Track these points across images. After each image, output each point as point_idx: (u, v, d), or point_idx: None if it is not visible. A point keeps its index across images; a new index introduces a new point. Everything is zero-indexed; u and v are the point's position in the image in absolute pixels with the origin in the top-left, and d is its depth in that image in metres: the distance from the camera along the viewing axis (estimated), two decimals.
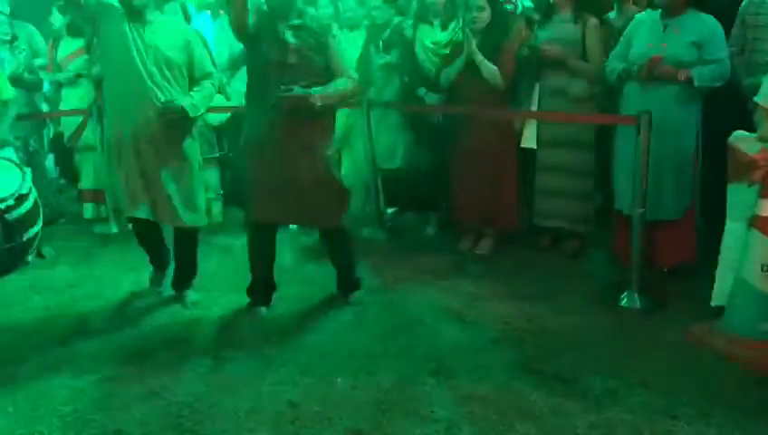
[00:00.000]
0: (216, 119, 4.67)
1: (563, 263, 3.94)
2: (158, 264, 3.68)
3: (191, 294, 3.52)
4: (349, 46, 4.65)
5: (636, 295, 3.27)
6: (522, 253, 4.10)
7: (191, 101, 3.21)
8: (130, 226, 4.72)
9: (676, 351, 2.83)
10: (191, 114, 3.19)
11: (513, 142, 4.05)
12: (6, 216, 3.70)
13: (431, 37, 4.22)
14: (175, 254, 3.55)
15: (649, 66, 3.23)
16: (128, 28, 3.13)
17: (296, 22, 3.08)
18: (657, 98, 3.26)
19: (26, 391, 2.64)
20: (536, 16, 4.02)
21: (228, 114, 4.72)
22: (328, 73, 3.10)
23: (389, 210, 4.75)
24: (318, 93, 2.96)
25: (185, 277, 3.54)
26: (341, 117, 4.69)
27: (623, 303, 3.29)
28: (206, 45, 3.86)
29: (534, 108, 3.98)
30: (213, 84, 3.39)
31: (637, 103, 3.28)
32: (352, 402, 2.49)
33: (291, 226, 4.72)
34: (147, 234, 3.52)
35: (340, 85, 3.10)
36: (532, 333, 3.04)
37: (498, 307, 3.33)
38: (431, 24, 4.26)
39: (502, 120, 4.00)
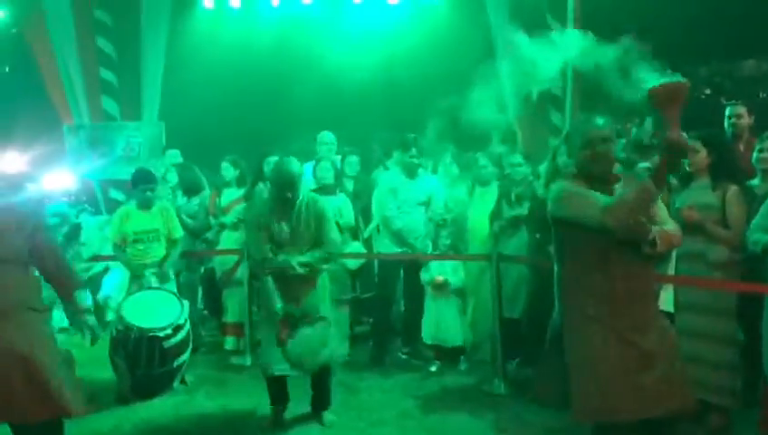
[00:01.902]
0: (353, 264, 5.00)
1: None
2: (281, 404, 4.09)
3: (328, 415, 4.03)
4: (480, 200, 4.99)
5: None
6: None
7: (293, 261, 3.82)
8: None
9: None
10: (290, 270, 3.81)
11: None
12: (164, 343, 4.12)
13: None
14: (313, 383, 4.04)
15: None
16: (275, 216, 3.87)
17: None
18: None
19: None
20: (674, 181, 4.05)
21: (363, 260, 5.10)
22: None
23: (513, 362, 4.70)
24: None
25: (324, 401, 4.09)
26: (473, 266, 4.87)
27: None
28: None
29: (671, 272, 3.92)
30: (325, 251, 3.92)
31: None
32: None
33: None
34: (280, 383, 4.03)
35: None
36: None
37: None
38: None
39: None
